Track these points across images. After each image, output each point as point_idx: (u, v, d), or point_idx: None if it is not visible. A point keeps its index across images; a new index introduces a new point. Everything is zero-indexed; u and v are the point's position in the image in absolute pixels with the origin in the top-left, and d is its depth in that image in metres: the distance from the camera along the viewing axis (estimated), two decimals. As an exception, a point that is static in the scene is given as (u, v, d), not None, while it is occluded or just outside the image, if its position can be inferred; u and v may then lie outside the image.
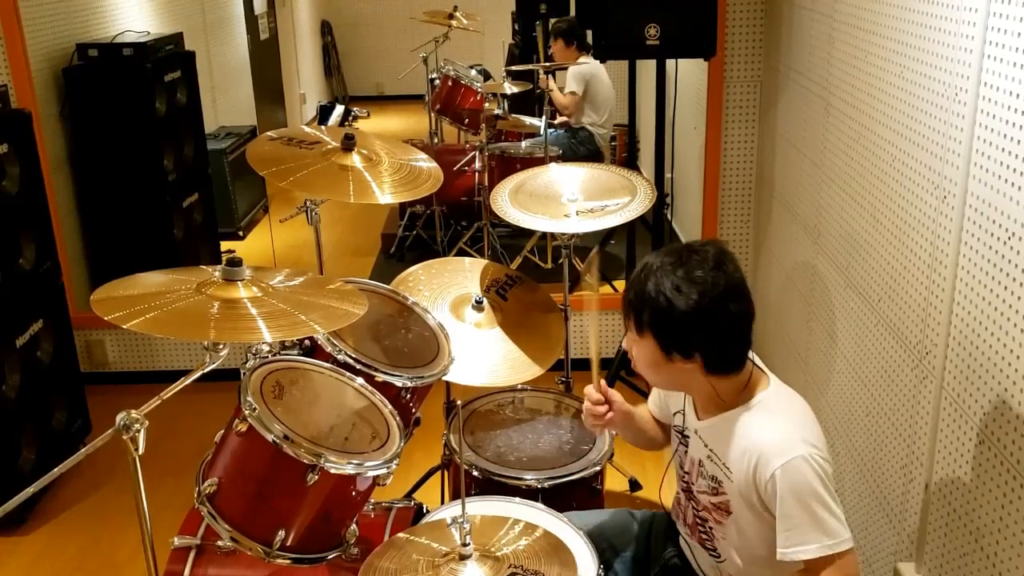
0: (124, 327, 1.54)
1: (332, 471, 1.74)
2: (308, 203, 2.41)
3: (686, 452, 1.89)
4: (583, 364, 3.55)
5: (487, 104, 5.02)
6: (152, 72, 4.18)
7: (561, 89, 5.25)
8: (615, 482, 3.10)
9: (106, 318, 1.54)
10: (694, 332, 1.66)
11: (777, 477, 1.62)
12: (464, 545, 1.57)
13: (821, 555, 1.61)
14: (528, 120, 5.15)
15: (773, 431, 1.67)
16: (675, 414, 1.93)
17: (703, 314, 1.63)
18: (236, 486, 1.80)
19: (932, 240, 2.00)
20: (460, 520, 1.58)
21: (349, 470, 1.77)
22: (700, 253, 1.68)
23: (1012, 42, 1.66)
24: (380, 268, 5.16)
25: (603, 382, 1.95)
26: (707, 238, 1.80)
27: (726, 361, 1.70)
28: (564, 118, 5.35)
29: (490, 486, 2.26)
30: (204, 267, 1.79)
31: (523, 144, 5.17)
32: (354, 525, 1.90)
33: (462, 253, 4.83)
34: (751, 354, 1.75)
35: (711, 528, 1.83)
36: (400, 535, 1.71)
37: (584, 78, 5.20)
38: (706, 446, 1.81)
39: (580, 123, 5.34)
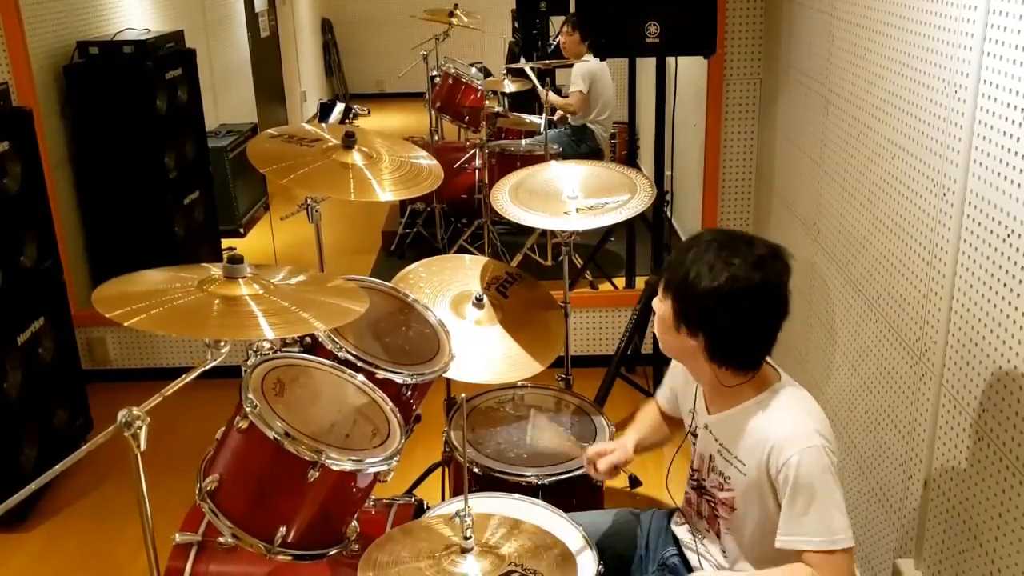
0: (125, 324, 1.54)
1: (333, 468, 1.75)
2: (309, 201, 2.42)
3: (695, 449, 1.89)
4: (583, 361, 3.57)
5: (487, 102, 5.02)
6: (153, 70, 4.18)
7: (559, 92, 5.23)
8: (615, 479, 3.10)
9: (108, 315, 1.54)
10: (706, 313, 1.68)
11: (792, 464, 1.63)
12: (466, 539, 1.58)
13: (821, 549, 1.62)
14: (528, 118, 5.14)
15: (789, 421, 1.69)
16: (688, 412, 1.94)
17: (721, 299, 1.65)
18: (237, 483, 1.80)
19: (931, 237, 2.00)
20: (463, 514, 1.59)
21: (350, 467, 1.78)
22: (752, 245, 1.68)
23: (1012, 39, 1.66)
24: (381, 266, 5.16)
25: (587, 453, 2.05)
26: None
27: (730, 353, 1.70)
28: (562, 113, 5.35)
29: (490, 482, 2.26)
30: (205, 265, 1.79)
31: (523, 142, 5.17)
32: (355, 521, 1.90)
33: (462, 250, 4.83)
34: None
35: (720, 523, 1.84)
36: (401, 528, 1.72)
37: (589, 76, 5.19)
38: (716, 440, 1.81)
39: (581, 121, 5.34)
